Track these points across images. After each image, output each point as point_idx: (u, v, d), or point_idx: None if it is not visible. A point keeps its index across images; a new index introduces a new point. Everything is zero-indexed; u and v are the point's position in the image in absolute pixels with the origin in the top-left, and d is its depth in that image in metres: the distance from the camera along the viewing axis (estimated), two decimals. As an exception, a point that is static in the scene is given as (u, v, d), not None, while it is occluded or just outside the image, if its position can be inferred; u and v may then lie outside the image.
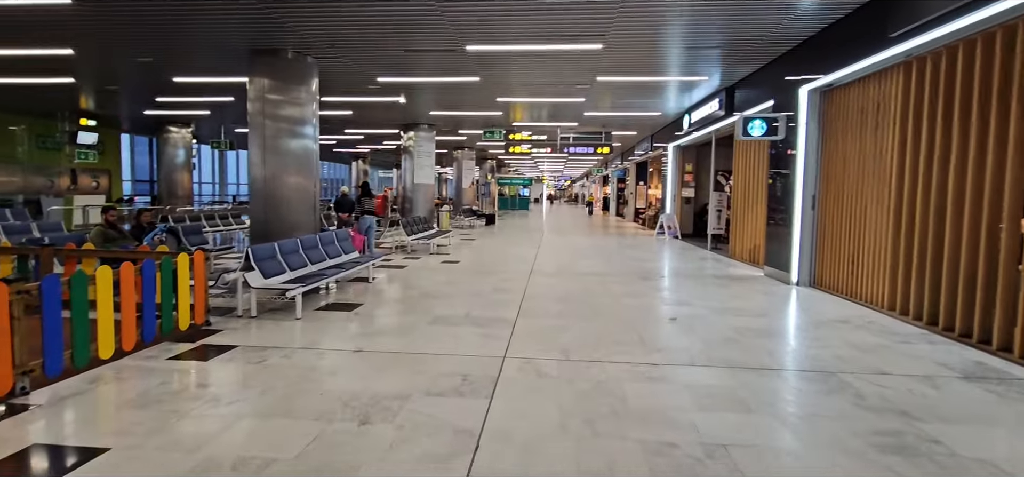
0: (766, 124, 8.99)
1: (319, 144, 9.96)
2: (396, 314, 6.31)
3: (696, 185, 18.17)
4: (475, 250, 13.27)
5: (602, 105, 14.83)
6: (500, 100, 13.86)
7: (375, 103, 14.67)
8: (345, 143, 26.75)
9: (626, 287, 8.40)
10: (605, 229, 21.64)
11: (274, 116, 9.19)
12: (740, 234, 11.88)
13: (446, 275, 9.26)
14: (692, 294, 7.79)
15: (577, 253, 12.80)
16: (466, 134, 21.70)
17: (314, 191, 9.84)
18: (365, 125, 20.00)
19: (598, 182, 44.35)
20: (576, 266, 10.54)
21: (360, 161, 37.30)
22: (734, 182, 12.37)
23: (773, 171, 9.46)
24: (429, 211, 19.36)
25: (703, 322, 6.11)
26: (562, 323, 5.96)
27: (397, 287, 8.09)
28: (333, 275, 6.94)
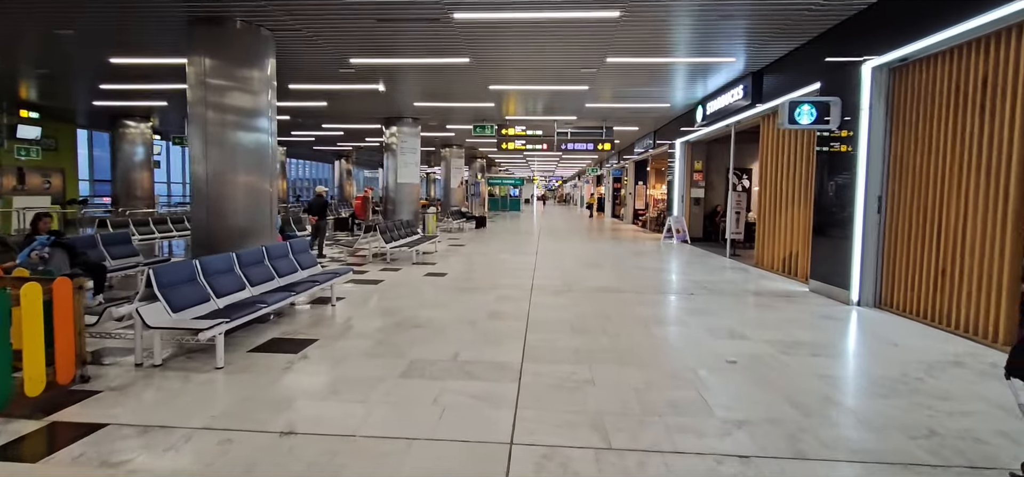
0: (816, 110, 7.47)
1: (296, 141, 8.28)
2: (357, 358, 4.66)
3: (706, 185, 16.68)
4: (465, 258, 11.64)
5: (605, 95, 13.27)
6: (493, 88, 12.24)
7: (351, 92, 12.98)
8: (324, 140, 24.98)
9: (651, 309, 6.82)
10: (604, 232, 20.11)
11: (219, 105, 7.51)
12: (769, 240, 10.37)
13: (430, 293, 7.62)
14: (736, 319, 6.24)
15: (581, 262, 11.22)
16: (454, 129, 20.07)
17: (271, 192, 8.16)
18: (344, 119, 18.27)
19: (592, 182, 42.89)
20: (584, 279, 8.95)
21: (343, 160, 35.50)
22: (761, 180, 10.86)
23: (823, 167, 7.94)
24: (414, 213, 17.70)
25: (774, 367, 4.53)
26: (585, 371, 4.35)
27: (366, 313, 6.43)
28: (280, 300, 5.28)
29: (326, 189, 13.10)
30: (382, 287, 8.06)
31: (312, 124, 19.76)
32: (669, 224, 16.23)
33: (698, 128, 14.00)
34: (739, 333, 5.59)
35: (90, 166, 23.96)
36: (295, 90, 12.63)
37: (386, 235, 10.61)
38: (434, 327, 5.68)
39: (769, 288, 8.34)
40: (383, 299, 7.20)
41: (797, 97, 7.67)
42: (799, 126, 7.52)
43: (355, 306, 6.71)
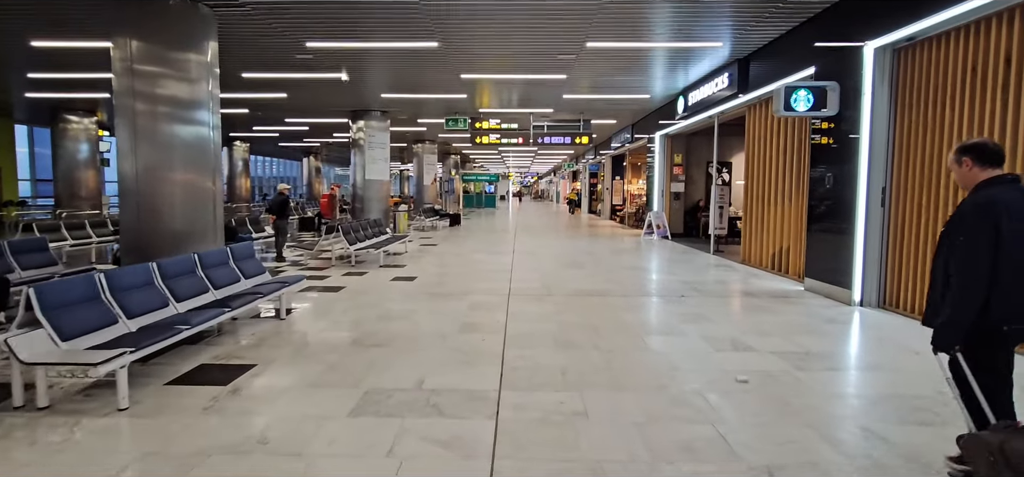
0: (813, 96, 6.93)
1: (259, 137, 7.35)
2: (300, 390, 3.87)
3: (686, 179, 16.22)
4: (437, 259, 10.85)
5: (583, 86, 12.63)
6: (465, 78, 11.46)
7: (312, 82, 12.03)
8: (289, 136, 23.79)
9: (642, 315, 6.18)
10: (582, 229, 19.53)
11: (149, 95, 6.56)
12: (756, 236, 9.88)
13: (396, 302, 6.83)
14: (735, 325, 5.64)
15: (561, 261, 10.55)
16: (426, 124, 19.19)
17: (214, 190, 7.23)
18: (307, 113, 17.23)
19: (568, 177, 42.39)
20: (565, 281, 8.28)
21: (312, 157, 34.17)
22: (747, 173, 10.36)
23: (820, 157, 7.42)
24: (384, 212, 16.79)
25: (791, 387, 3.92)
26: (575, 400, 3.66)
27: (320, 327, 5.62)
28: (212, 317, 4.44)
29: (288, 187, 12.15)
30: (343, 295, 7.23)
31: (274, 118, 18.64)
32: (649, 220, 15.73)
33: (679, 120, 13.48)
34: (742, 343, 4.98)
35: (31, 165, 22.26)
36: (249, 80, 11.62)
37: (350, 236, 9.74)
38: (398, 344, 4.91)
39: (762, 288, 7.80)
40: (342, 310, 6.39)
41: (793, 82, 7.12)
42: (795, 113, 6.97)
43: (309, 319, 5.88)
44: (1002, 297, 2.30)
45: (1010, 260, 2.29)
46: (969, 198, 2.45)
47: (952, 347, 2.41)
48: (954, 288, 2.35)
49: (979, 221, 2.32)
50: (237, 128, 22.31)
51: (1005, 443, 2.08)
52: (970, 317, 2.33)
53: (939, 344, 2.42)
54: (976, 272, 2.30)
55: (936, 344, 2.43)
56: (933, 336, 2.44)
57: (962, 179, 2.54)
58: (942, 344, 2.41)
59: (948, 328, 2.38)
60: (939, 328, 2.41)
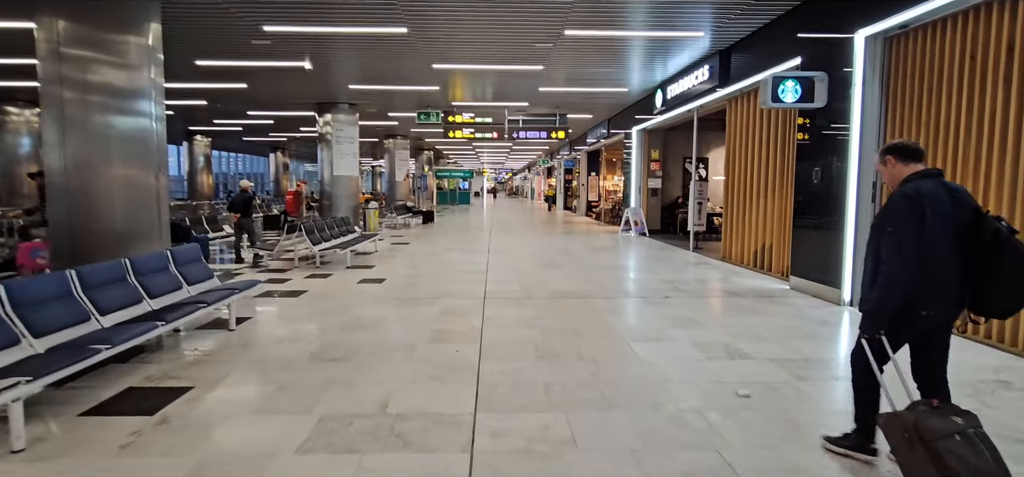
0: (801, 87, 6.65)
1: (221, 131, 6.66)
2: (242, 418, 3.33)
3: (664, 175, 16.00)
4: (408, 259, 10.30)
5: (559, 79, 12.23)
6: (437, 68, 10.92)
7: (273, 72, 11.32)
8: (253, 130, 22.78)
9: (626, 319, 5.80)
10: (558, 226, 19.18)
11: (80, 82, 5.85)
12: (738, 233, 9.64)
13: (361, 307, 6.29)
14: (725, 328, 5.30)
15: (539, 260, 10.13)
16: (398, 118, 18.55)
17: (157, 186, 6.55)
18: (271, 105, 16.40)
19: (542, 173, 42.07)
20: (544, 282, 7.85)
21: (279, 153, 32.99)
22: (728, 168, 10.12)
23: (806, 151, 7.17)
24: (353, 209, 16.11)
25: (797, 401, 3.57)
26: (561, 424, 3.22)
27: (274, 339, 5.06)
28: (145, 331, 3.85)
29: (251, 184, 11.43)
30: (304, 301, 6.65)
31: (235, 111, 17.71)
32: (627, 216, 15.45)
33: (657, 114, 13.20)
34: (736, 349, 4.63)
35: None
36: (204, 68, 10.84)
37: (314, 235, 9.11)
38: (361, 358, 4.40)
39: (746, 287, 7.52)
40: (302, 317, 5.82)
41: (781, 72, 6.82)
42: (783, 105, 6.69)
43: (263, 329, 5.31)
44: (923, 284, 2.43)
45: (931, 249, 2.41)
46: (897, 189, 2.56)
47: (878, 331, 2.48)
48: (882, 275, 2.45)
49: (907, 210, 2.43)
50: (198, 121, 21.24)
51: (919, 421, 2.15)
52: (895, 303, 2.44)
53: (866, 328, 2.51)
54: (902, 259, 2.41)
55: (863, 328, 2.53)
56: (861, 321, 2.54)
57: (888, 177, 2.69)
58: (869, 328, 2.50)
59: (875, 313, 2.47)
60: (867, 313, 2.52)
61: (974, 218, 2.44)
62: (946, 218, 2.42)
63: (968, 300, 2.50)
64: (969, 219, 2.44)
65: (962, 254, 2.44)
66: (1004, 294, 2.38)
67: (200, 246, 9.51)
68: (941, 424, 2.10)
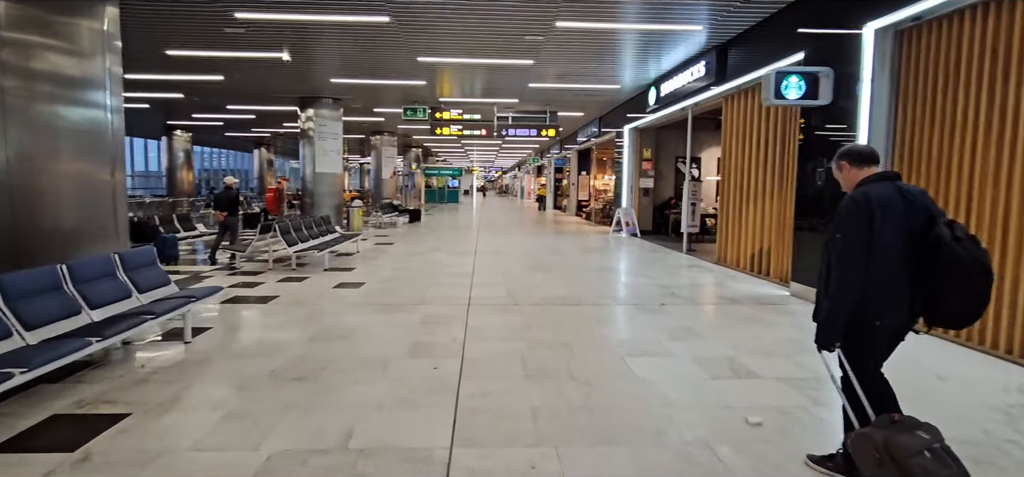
0: (805, 83, 6.29)
1: (201, 126, 6.14)
2: (178, 454, 2.87)
3: (656, 174, 15.64)
4: (391, 261, 9.83)
5: (550, 75, 11.83)
6: (422, 61, 10.46)
7: (251, 63, 10.78)
8: (235, 125, 22.10)
9: (620, 329, 5.39)
10: (547, 226, 18.77)
11: (22, 69, 5.32)
12: (734, 235, 9.28)
13: (334, 315, 5.82)
14: (727, 340, 4.91)
15: (526, 263, 9.71)
16: (384, 113, 18.01)
17: (114, 183, 6.04)
18: (250, 98, 15.79)
19: (532, 172, 41.66)
20: (532, 286, 7.43)
21: (264, 149, 32.24)
22: (723, 168, 9.77)
23: (809, 151, 6.81)
24: (337, 207, 15.58)
25: (815, 432, 3.18)
26: (551, 462, 2.80)
27: (232, 353, 4.59)
28: (74, 350, 3.36)
29: (236, 181, 10.89)
30: (272, 308, 6.16)
31: (214, 104, 17.08)
32: (618, 217, 15.08)
33: (650, 112, 12.84)
34: (742, 366, 4.24)
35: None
36: (176, 59, 10.27)
37: (290, 236, 8.60)
38: (327, 376, 3.94)
39: (744, 293, 7.16)
40: (267, 327, 5.35)
41: (785, 67, 6.46)
42: (786, 102, 6.32)
43: (222, 341, 4.82)
44: (874, 292, 2.33)
45: (882, 255, 2.32)
46: (847, 196, 2.47)
47: (833, 344, 2.41)
48: (832, 284, 2.38)
49: (854, 217, 2.36)
50: (177, 115, 20.54)
51: (889, 439, 2.11)
52: (847, 312, 2.36)
53: (821, 342, 2.43)
54: (851, 267, 2.33)
55: (818, 342, 2.44)
56: (816, 334, 2.45)
57: (844, 182, 2.62)
58: (824, 341, 2.42)
59: (827, 325, 2.40)
60: (820, 325, 2.44)
61: (927, 222, 2.33)
62: (898, 223, 2.32)
63: (919, 307, 2.41)
64: (923, 223, 2.34)
65: (917, 259, 2.34)
66: (950, 302, 2.29)
67: (168, 246, 9.01)
68: (911, 441, 2.08)
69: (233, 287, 7.22)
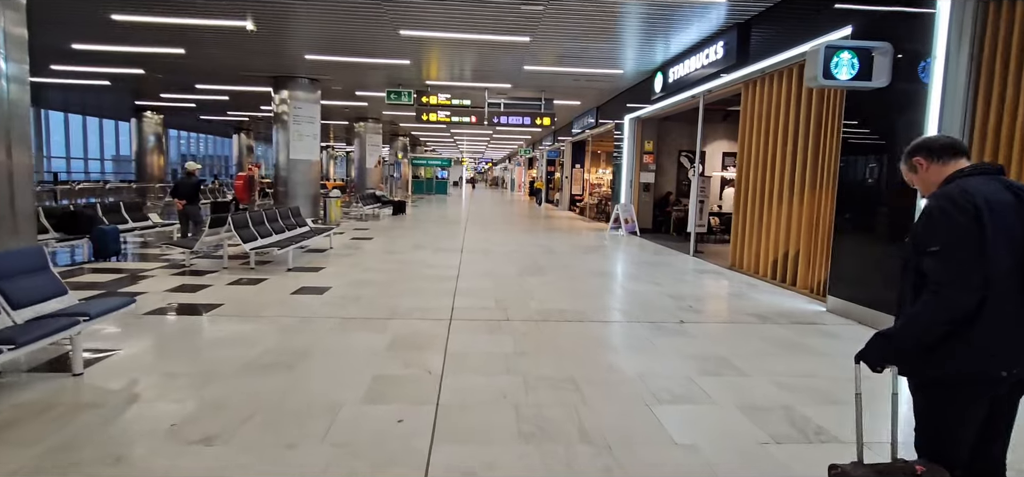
0: (859, 61, 5.27)
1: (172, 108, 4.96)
2: None
3: (657, 168, 14.63)
4: (366, 260, 8.71)
5: (547, 57, 10.73)
6: (406, 35, 9.30)
7: (212, 34, 9.56)
8: (208, 107, 20.72)
9: (636, 357, 4.34)
10: (540, 221, 17.71)
11: None
12: (752, 237, 8.29)
13: (286, 334, 4.72)
14: (773, 378, 3.89)
15: (519, 263, 8.65)
16: (367, 98, 16.79)
17: (10, 165, 4.88)
18: (220, 78, 14.50)
19: (523, 164, 40.56)
20: (526, 295, 6.37)
21: (242, 134, 30.76)
22: (741, 161, 8.76)
23: (856, 142, 5.81)
24: (312, 197, 14.39)
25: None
26: None
27: (133, 390, 3.48)
28: None
29: (198, 166, 9.71)
30: (209, 321, 5.04)
31: (182, 83, 15.74)
32: (616, 213, 14.06)
33: (655, 101, 11.79)
34: (804, 419, 3.21)
35: None
36: (124, 25, 9.02)
37: (246, 230, 7.43)
38: (247, 437, 2.85)
39: (773, 307, 6.16)
40: (191, 350, 4.24)
41: (837, 42, 5.42)
42: (836, 83, 5.29)
43: (121, 374, 3.70)
44: (993, 327, 1.62)
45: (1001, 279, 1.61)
46: (933, 197, 1.80)
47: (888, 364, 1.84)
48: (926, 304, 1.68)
49: (953, 217, 1.67)
50: (145, 96, 19.14)
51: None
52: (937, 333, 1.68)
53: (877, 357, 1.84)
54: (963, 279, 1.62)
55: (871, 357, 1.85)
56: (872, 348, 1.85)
57: (922, 185, 1.96)
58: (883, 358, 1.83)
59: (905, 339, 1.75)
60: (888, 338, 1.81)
61: None
62: (1009, 231, 1.65)
63: None
64: None
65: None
66: None
67: (108, 240, 7.82)
68: None
69: (172, 292, 6.08)
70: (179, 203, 9.24)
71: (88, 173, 27.75)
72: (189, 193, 9.32)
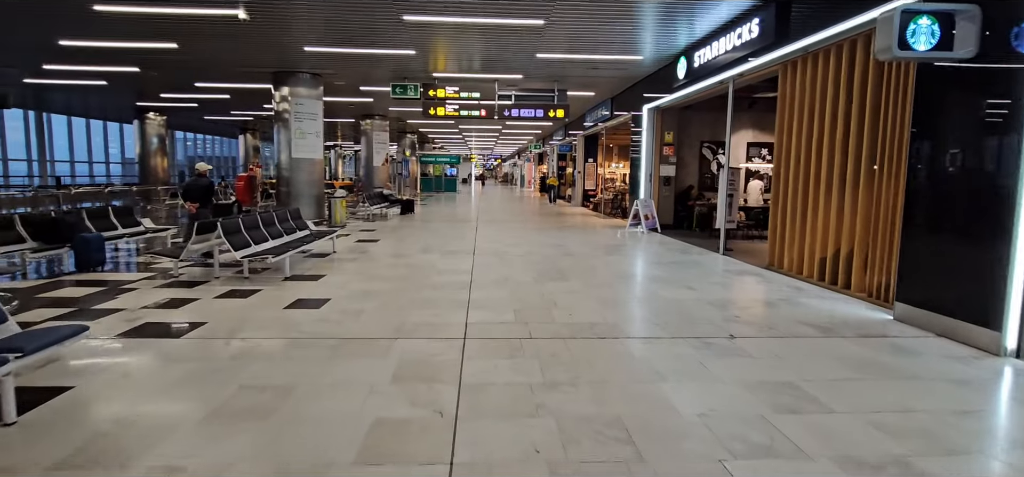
0: (940, 28, 4.47)
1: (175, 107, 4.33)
2: None
3: (677, 161, 13.81)
4: (369, 266, 8.03)
5: (561, 41, 9.97)
6: (410, 20, 8.59)
7: (203, 24, 8.93)
8: (211, 106, 20.17)
9: (691, 389, 3.60)
10: (552, 218, 16.94)
11: None
12: (793, 234, 7.50)
13: (267, 363, 4.04)
14: (864, 414, 3.14)
15: (537, 267, 7.92)
16: (372, 93, 16.11)
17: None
18: (219, 75, 13.90)
19: (533, 159, 39.75)
20: (549, 305, 5.65)
21: (248, 134, 30.27)
22: (779, 149, 7.95)
23: (931, 123, 5.01)
24: (316, 198, 13.77)
25: None
26: None
27: (76, 442, 2.81)
28: None
29: (209, 167, 9.10)
30: (183, 346, 4.37)
31: (181, 82, 15.17)
32: (636, 209, 13.27)
33: (677, 88, 10.98)
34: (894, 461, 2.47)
35: None
36: (107, 16, 8.39)
37: (237, 236, 6.77)
38: (205, 516, 2.17)
39: (831, 314, 5.38)
40: (154, 389, 3.56)
41: (913, 4, 4.62)
42: (913, 55, 4.49)
43: (66, 420, 3.04)
44: None
45: None
46: None
47: None
48: None
49: None
50: (147, 96, 18.62)
51: None
52: None
53: None
54: None
55: None
56: None
57: None
58: None
59: None
60: None
61: None
62: None
63: None
64: None
65: None
66: None
67: (91, 249, 7.20)
68: None
69: (151, 308, 5.43)
70: (192, 207, 8.64)
71: (94, 177, 27.40)
72: (200, 195, 8.70)
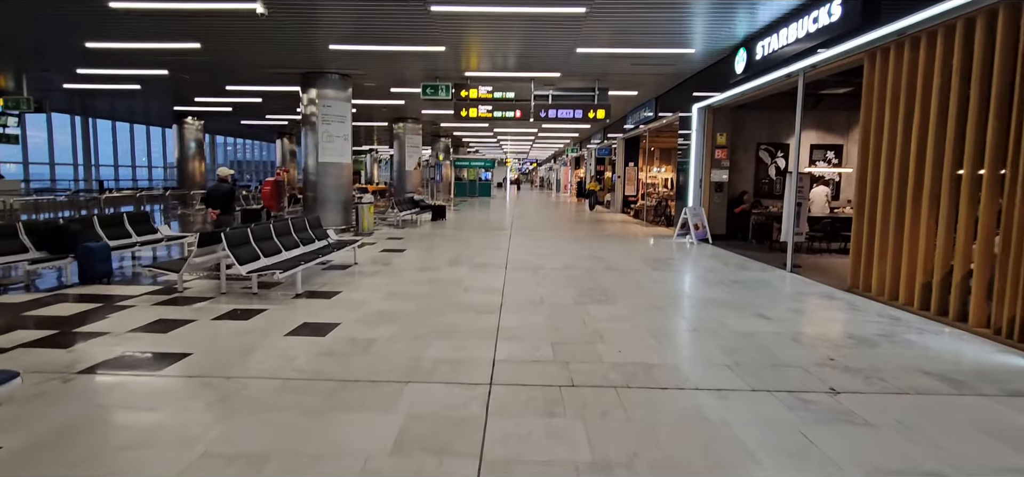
0: None
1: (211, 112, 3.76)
2: None
3: (730, 165, 12.61)
4: (391, 281, 7.27)
5: (603, 34, 9.04)
6: (437, 11, 7.83)
7: (226, 22, 8.44)
8: (244, 110, 20.07)
9: (788, 471, 2.62)
10: (591, 226, 15.90)
11: None
12: (885, 251, 6.32)
13: (248, 414, 3.27)
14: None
15: (577, 285, 6.99)
16: (403, 94, 15.53)
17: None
18: (246, 77, 13.55)
19: (570, 164, 38.70)
20: (593, 337, 4.72)
21: (285, 139, 30.41)
22: (863, 152, 6.78)
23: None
24: (344, 203, 13.23)
25: None
26: None
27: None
28: None
29: (231, 171, 8.62)
30: (159, 386, 3.66)
31: (211, 85, 14.95)
32: (684, 218, 12.14)
33: (736, 83, 9.87)
34: None
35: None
36: (122, 13, 7.97)
37: (243, 248, 6.11)
38: None
39: (956, 360, 4.26)
40: (85, 462, 2.84)
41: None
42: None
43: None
44: None
45: None
46: None
47: None
48: None
49: None
50: (183, 101, 18.64)
51: None
52: None
53: None
54: None
55: None
56: None
57: None
58: None
59: None
60: None
61: None
62: None
63: None
64: None
65: None
66: None
67: (96, 260, 6.71)
68: None
69: (138, 331, 4.79)
70: (213, 213, 8.14)
71: (136, 181, 27.99)
72: (222, 201, 8.19)
